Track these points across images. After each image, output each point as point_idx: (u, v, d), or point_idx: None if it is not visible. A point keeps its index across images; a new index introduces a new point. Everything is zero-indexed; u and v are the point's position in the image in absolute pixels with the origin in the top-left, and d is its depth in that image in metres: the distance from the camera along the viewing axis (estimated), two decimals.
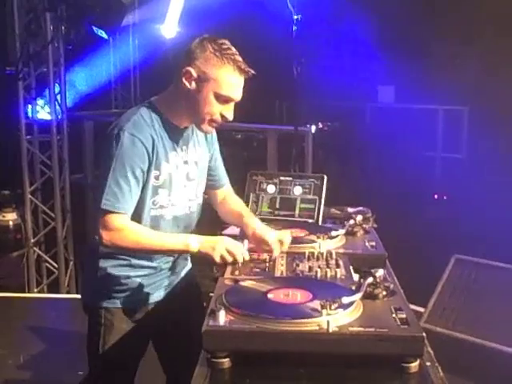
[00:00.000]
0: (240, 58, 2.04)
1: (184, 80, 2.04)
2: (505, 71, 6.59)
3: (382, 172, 6.85)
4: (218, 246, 2.00)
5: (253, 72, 2.07)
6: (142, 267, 2.18)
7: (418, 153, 7.31)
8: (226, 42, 2.06)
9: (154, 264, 2.20)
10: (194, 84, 2.04)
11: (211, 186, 2.40)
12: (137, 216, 2.08)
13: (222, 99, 2.05)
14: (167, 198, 2.14)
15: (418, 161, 7.24)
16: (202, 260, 2.15)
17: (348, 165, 6.84)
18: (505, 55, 6.66)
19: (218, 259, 1.99)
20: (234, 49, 2.05)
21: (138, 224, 2.07)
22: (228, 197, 2.48)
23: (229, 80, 2.03)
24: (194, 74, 2.03)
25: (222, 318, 1.50)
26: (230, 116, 2.10)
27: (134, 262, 2.16)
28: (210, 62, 2.02)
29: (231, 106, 2.09)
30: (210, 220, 2.52)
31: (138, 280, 2.18)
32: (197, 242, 2.03)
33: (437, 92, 7.06)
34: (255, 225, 2.23)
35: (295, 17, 4.33)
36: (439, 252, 4.03)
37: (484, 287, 3.17)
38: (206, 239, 2.05)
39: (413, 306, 2.94)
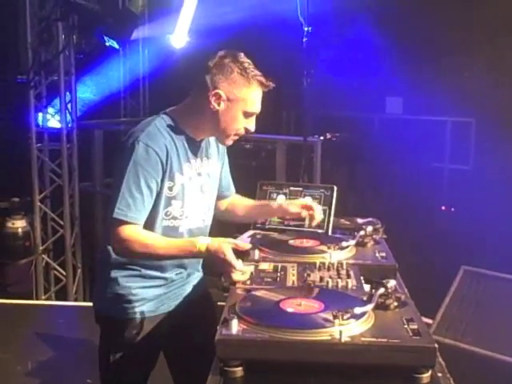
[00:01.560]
0: (260, 73, 2.10)
1: (213, 101, 2.08)
2: None
3: (389, 183, 6.85)
4: (225, 244, 1.98)
5: (273, 85, 2.13)
6: (154, 278, 2.19)
7: (425, 164, 7.31)
8: (245, 57, 2.11)
9: (165, 275, 2.21)
10: (222, 104, 2.09)
11: (219, 195, 2.42)
12: (149, 226, 2.09)
13: (248, 115, 2.13)
14: (180, 209, 2.16)
15: (426, 172, 7.23)
16: (210, 270, 2.16)
17: (356, 175, 6.84)
18: None
19: (229, 253, 1.95)
20: (252, 64, 2.11)
21: (147, 231, 2.08)
22: (235, 199, 2.53)
23: (255, 97, 2.11)
24: (224, 96, 2.08)
25: (235, 327, 1.51)
26: (252, 128, 2.18)
27: (145, 272, 2.17)
28: (237, 83, 2.07)
29: (253, 118, 2.17)
30: (220, 230, 2.54)
31: (150, 291, 2.19)
32: (204, 240, 2.02)
33: (445, 104, 7.06)
34: (282, 201, 2.45)
35: (305, 28, 4.36)
36: (447, 263, 4.02)
37: (492, 299, 3.16)
38: (212, 238, 2.05)
39: (422, 318, 2.94)
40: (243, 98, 2.09)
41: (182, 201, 2.16)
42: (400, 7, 6.97)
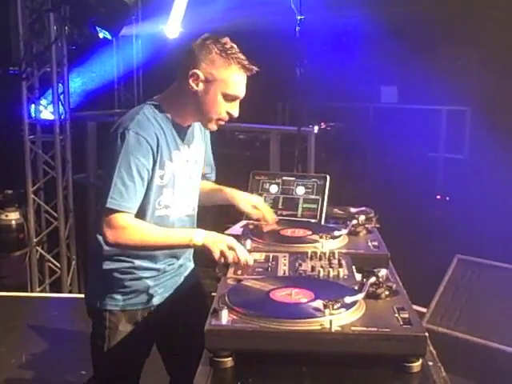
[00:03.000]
0: (243, 56, 2.07)
1: (191, 82, 2.06)
2: (507, 72, 6.58)
3: (384, 172, 6.85)
4: (221, 243, 2.00)
5: (256, 69, 2.10)
6: (146, 269, 2.18)
7: (420, 153, 7.30)
8: (228, 40, 2.08)
9: (157, 266, 2.20)
10: (201, 85, 2.06)
11: (202, 178, 2.41)
12: (141, 215, 2.08)
13: (229, 98, 2.09)
14: (171, 197, 2.15)
15: (421, 161, 7.23)
16: (204, 260, 2.15)
17: (351, 165, 6.84)
18: (508, 56, 6.66)
19: (217, 255, 1.99)
20: (235, 47, 2.08)
21: (141, 221, 2.08)
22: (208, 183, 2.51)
23: (235, 79, 2.07)
24: (202, 76, 2.05)
25: (225, 317, 1.50)
26: (235, 113, 2.14)
27: (138, 263, 2.16)
28: (216, 63, 2.04)
29: (237, 103, 2.13)
30: (213, 220, 2.54)
31: (142, 282, 2.18)
32: (200, 237, 2.03)
33: (439, 93, 7.05)
34: (236, 194, 2.45)
35: (298, 17, 4.33)
36: (442, 252, 4.03)
37: (487, 287, 3.17)
38: (210, 234, 2.05)
39: (415, 306, 2.94)
40: (222, 78, 2.05)
41: (172, 189, 2.15)
42: None
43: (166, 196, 2.13)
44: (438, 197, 6.96)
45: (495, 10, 6.53)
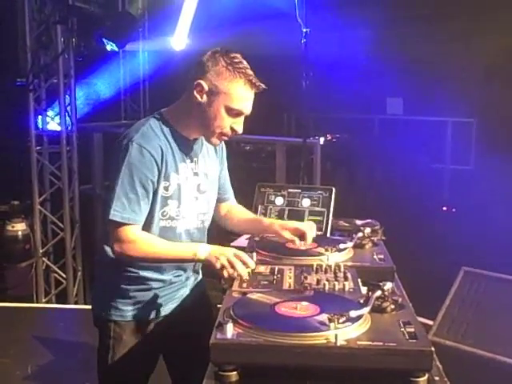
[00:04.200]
0: (251, 72, 2.06)
1: (195, 93, 2.05)
2: None
3: (390, 184, 6.84)
4: (222, 257, 1.99)
5: (264, 87, 2.08)
6: (153, 280, 2.17)
7: (426, 165, 7.30)
8: (238, 55, 2.07)
9: (164, 277, 2.19)
10: (205, 97, 2.05)
11: (218, 198, 2.40)
12: (146, 226, 2.08)
13: (233, 113, 2.07)
14: (177, 209, 2.14)
15: (427, 172, 7.22)
16: (210, 272, 2.15)
17: (356, 177, 6.83)
18: None
19: (218, 267, 1.98)
20: (245, 62, 2.06)
21: (148, 234, 2.08)
22: (234, 208, 2.49)
23: (240, 94, 2.05)
24: (206, 87, 2.04)
25: (230, 330, 1.50)
26: (239, 129, 2.11)
27: (143, 274, 2.15)
28: (221, 75, 2.03)
29: (241, 119, 2.11)
30: (218, 232, 2.53)
31: (148, 293, 2.18)
32: (204, 251, 2.03)
33: (445, 104, 7.05)
34: (277, 221, 2.39)
35: (304, 30, 4.35)
36: (448, 264, 4.01)
37: (493, 300, 3.14)
38: (214, 248, 2.05)
39: (422, 319, 2.92)
40: (226, 91, 2.03)
41: (178, 201, 2.14)
42: (400, 9, 6.97)
43: (171, 207, 2.13)
44: (444, 208, 6.94)
45: (498, 20, 6.55)
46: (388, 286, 1.65)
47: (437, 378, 1.46)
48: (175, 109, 2.18)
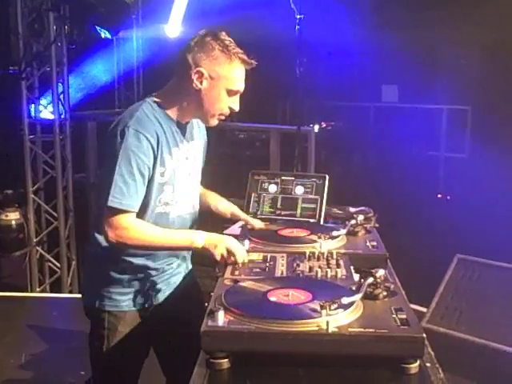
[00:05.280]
0: (242, 51, 2.09)
1: (195, 80, 2.05)
2: (507, 71, 6.57)
3: (385, 171, 6.84)
4: (220, 245, 2.00)
5: (255, 63, 2.11)
6: (145, 269, 2.16)
7: (421, 152, 7.30)
8: (225, 35, 2.09)
9: (156, 265, 2.18)
10: (205, 83, 2.06)
11: None
12: (141, 213, 2.06)
13: (232, 93, 2.11)
14: (171, 194, 2.13)
15: (422, 160, 7.23)
16: (204, 260, 2.14)
17: (351, 164, 6.84)
18: (507, 55, 6.64)
19: (218, 257, 2.00)
20: (232, 41, 2.09)
21: (143, 221, 2.06)
22: (207, 192, 2.49)
23: (238, 74, 2.09)
24: (206, 74, 2.05)
25: (221, 318, 1.49)
26: (237, 107, 2.15)
27: (136, 263, 2.14)
28: (219, 59, 2.05)
29: (237, 97, 2.15)
30: (212, 220, 2.52)
31: (142, 282, 2.17)
32: (201, 239, 2.04)
33: (440, 92, 7.04)
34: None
35: (298, 16, 4.32)
36: (443, 251, 4.02)
37: (487, 287, 3.15)
38: (210, 236, 2.06)
39: (416, 306, 2.93)
40: (225, 75, 2.06)
41: (172, 186, 2.13)
42: None
43: (166, 193, 2.12)
44: (439, 196, 6.95)
45: (495, 8, 6.52)
46: (380, 272, 1.65)
47: (428, 365, 1.46)
48: (168, 92, 2.16)
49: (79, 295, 2.34)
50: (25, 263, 5.51)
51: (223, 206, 2.49)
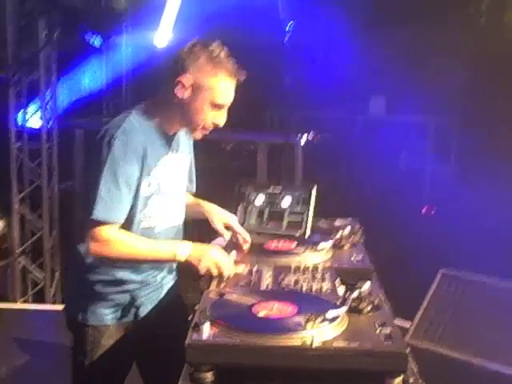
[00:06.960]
0: (232, 61, 2.02)
1: (178, 89, 2.01)
2: (494, 82, 6.62)
3: (371, 183, 6.86)
4: (206, 258, 1.98)
5: (244, 75, 2.05)
6: (129, 282, 2.14)
7: (408, 164, 7.34)
8: (216, 45, 2.02)
9: (140, 278, 2.16)
10: (187, 93, 2.01)
11: None
12: (127, 226, 2.04)
13: (217, 106, 2.04)
14: (157, 208, 2.11)
15: (409, 172, 7.26)
16: (188, 272, 2.13)
17: (338, 176, 6.84)
18: (494, 66, 6.70)
19: (202, 272, 1.98)
20: (225, 51, 2.02)
21: (126, 232, 2.03)
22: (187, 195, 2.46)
23: (223, 88, 2.02)
24: (188, 84, 2.00)
25: (206, 331, 1.49)
26: (221, 122, 2.09)
27: (120, 276, 2.11)
28: (203, 70, 1.99)
29: (224, 111, 2.08)
30: (198, 230, 2.51)
31: (126, 295, 2.15)
32: (186, 251, 2.01)
33: (426, 103, 7.09)
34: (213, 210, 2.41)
35: (287, 28, 4.34)
36: (428, 265, 4.03)
37: (470, 302, 3.15)
38: (194, 248, 2.03)
39: (401, 321, 2.93)
40: (210, 86, 2.00)
41: (158, 198, 2.10)
42: (384, 7, 6.99)
43: (152, 206, 2.09)
44: (424, 209, 6.98)
45: (483, 18, 6.59)
46: (365, 287, 1.66)
47: (411, 380, 1.46)
48: (155, 103, 2.13)
49: (63, 306, 2.30)
50: (7, 274, 5.42)
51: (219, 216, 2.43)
